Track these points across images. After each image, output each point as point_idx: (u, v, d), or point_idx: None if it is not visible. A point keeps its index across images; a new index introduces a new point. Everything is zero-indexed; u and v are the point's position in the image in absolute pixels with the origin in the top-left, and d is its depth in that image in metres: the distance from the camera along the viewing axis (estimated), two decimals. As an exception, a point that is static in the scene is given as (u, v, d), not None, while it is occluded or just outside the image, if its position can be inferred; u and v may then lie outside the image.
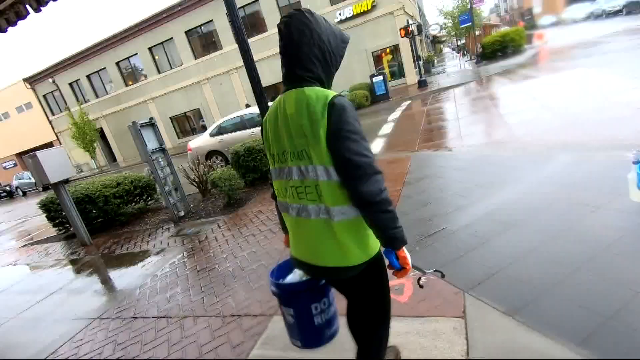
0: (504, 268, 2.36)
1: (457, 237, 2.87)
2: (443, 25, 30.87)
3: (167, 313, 3.00)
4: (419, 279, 1.45)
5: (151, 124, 5.56)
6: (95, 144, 25.18)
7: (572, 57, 11.35)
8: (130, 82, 24.61)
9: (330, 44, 1.25)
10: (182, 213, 5.85)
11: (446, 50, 54.41)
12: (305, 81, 1.23)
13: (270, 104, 6.93)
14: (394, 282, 2.51)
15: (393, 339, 1.97)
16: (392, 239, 1.21)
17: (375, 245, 1.31)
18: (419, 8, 31.71)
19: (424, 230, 3.11)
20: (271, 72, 20.26)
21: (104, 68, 24.46)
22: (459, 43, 36.64)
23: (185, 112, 23.89)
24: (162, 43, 22.42)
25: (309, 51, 1.22)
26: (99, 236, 6.08)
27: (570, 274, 2.13)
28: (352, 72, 18.44)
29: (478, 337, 1.85)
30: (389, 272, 1.33)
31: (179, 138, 24.60)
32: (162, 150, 5.70)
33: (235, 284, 3.16)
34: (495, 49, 18.22)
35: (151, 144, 5.48)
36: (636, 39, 11.26)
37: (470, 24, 20.72)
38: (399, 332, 2.03)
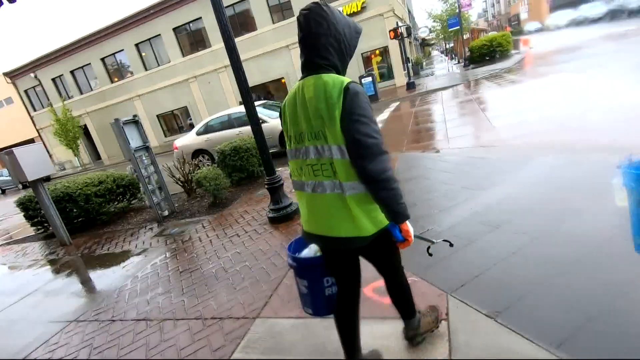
0: (488, 269, 2.36)
1: (442, 238, 2.86)
2: (432, 29, 31.21)
3: (147, 316, 2.92)
4: (428, 247, 1.65)
5: (134, 122, 5.43)
6: (78, 142, 24.58)
7: (556, 62, 11.59)
8: (116, 79, 24.13)
9: (345, 35, 1.37)
10: (166, 213, 5.74)
11: (435, 53, 55.10)
12: (323, 68, 1.36)
13: (257, 102, 6.81)
14: (378, 283, 2.49)
15: (374, 342, 1.95)
16: (396, 214, 1.34)
17: (384, 218, 1.40)
18: (408, 11, 31.99)
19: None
20: (260, 72, 20.13)
21: (89, 64, 23.92)
22: (447, 46, 37.12)
23: (172, 110, 23.54)
24: (149, 39, 22.04)
25: (326, 41, 1.34)
26: (80, 236, 5.91)
27: (553, 275, 2.14)
28: (342, 73, 18.44)
29: (460, 340, 1.84)
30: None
31: (165, 136, 24.22)
32: (146, 148, 5.58)
33: (218, 286, 3.10)
34: (483, 53, 18.49)
35: (134, 141, 5.35)
36: (616, 44, 11.56)
37: (458, 27, 20.98)
38: (382, 334, 2.00)
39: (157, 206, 5.57)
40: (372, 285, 2.47)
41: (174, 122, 24.30)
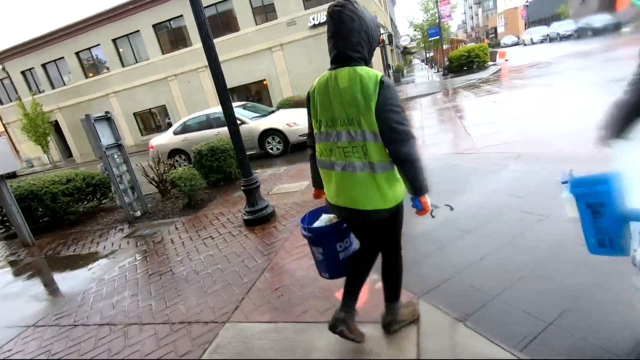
0: (458, 273, 2.40)
1: (415, 243, 2.90)
2: (413, 37, 31.86)
3: (111, 320, 2.80)
4: (432, 210, 1.81)
5: (107, 118, 5.25)
6: (48, 138, 23.52)
7: (529, 76, 12.06)
8: (91, 74, 23.28)
9: (372, 29, 1.53)
10: (138, 213, 5.56)
11: (416, 61, 56.35)
12: (354, 60, 1.51)
13: (237, 104, 6.78)
14: (350, 287, 2.49)
15: (344, 346, 1.93)
16: (419, 188, 1.54)
17: (401, 193, 1.64)
18: (390, 19, 32.59)
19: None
20: (242, 73, 19.93)
21: (62, 57, 22.96)
22: (427, 55, 38.00)
23: (150, 109, 22.92)
24: (127, 35, 21.42)
25: (357, 35, 1.49)
26: (45, 236, 5.63)
27: (518, 280, 2.20)
28: (324, 77, 18.53)
29: (428, 343, 1.85)
30: (412, 211, 1.65)
31: (142, 135, 23.52)
32: (118, 146, 5.39)
33: (188, 289, 3.01)
34: (462, 63, 19.01)
35: (106, 139, 5.16)
36: (583, 61, 12.17)
37: (438, 37, 21.52)
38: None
39: (129, 206, 5.38)
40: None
41: (152, 120, 23.66)
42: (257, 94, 20.88)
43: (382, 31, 17.80)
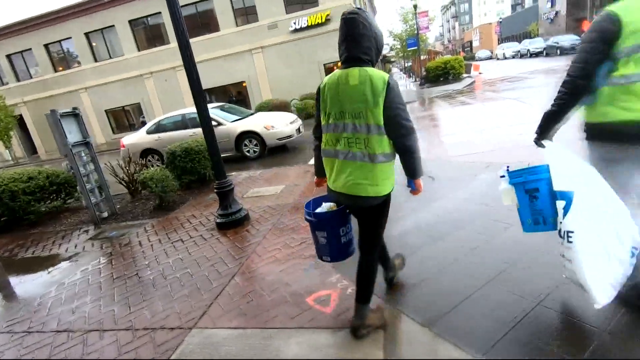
0: (426, 279, 2.45)
1: (387, 247, 2.93)
2: (393, 47, 32.55)
3: (69, 327, 2.66)
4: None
5: (74, 114, 5.02)
6: (11, 133, 22.24)
7: (501, 89, 12.57)
8: (61, 68, 22.29)
9: (379, 37, 1.74)
10: (105, 214, 5.33)
11: (395, 70, 57.52)
12: (363, 62, 1.71)
13: (213, 105, 6.73)
14: (321, 292, 2.48)
15: (312, 353, 1.92)
16: (416, 172, 1.82)
17: (392, 185, 1.85)
18: (371, 28, 33.18)
19: (355, 241, 3.13)
20: (221, 73, 19.66)
21: (29, 49, 21.85)
22: (406, 65, 38.89)
23: (123, 106, 22.16)
24: (101, 30, 20.69)
25: (368, 41, 1.69)
26: (1, 237, 5.30)
27: (483, 286, 2.26)
28: (304, 82, 18.56)
29: (394, 349, 1.87)
30: (407, 191, 1.95)
31: (114, 133, 22.69)
32: (86, 144, 5.17)
33: (155, 294, 2.91)
34: (438, 74, 19.56)
35: (73, 136, 4.94)
36: (550, 78, 12.82)
37: (416, 47, 22.08)
38: (320, 344, 1.98)
39: (95, 207, 5.16)
40: (314, 295, 2.46)
41: (125, 118, 22.88)
42: (236, 95, 20.66)
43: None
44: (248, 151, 8.41)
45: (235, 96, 20.46)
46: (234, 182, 4.19)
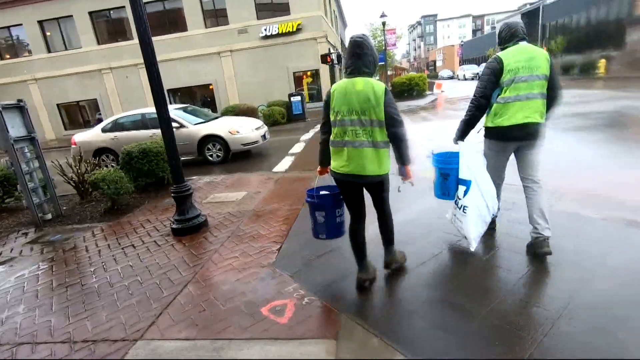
0: (381, 288, 2.49)
1: (344, 258, 2.96)
2: (361, 60, 33.34)
3: (-3, 339, 2.41)
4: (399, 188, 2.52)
5: (18, 107, 4.65)
6: (-56, 123, 20.13)
7: (460, 108, 13.28)
8: (8, 56, 20.61)
9: (376, 57, 2.29)
10: (49, 216, 4.95)
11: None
12: (365, 74, 2.24)
13: (177, 106, 6.64)
14: (277, 302, 2.45)
15: (264, 364, 1.88)
16: (406, 159, 2.31)
17: (389, 166, 2.33)
18: (341, 40, 33.83)
19: (314, 251, 3.14)
20: (188, 74, 19.15)
21: (-28, 33, 20.08)
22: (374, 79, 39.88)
23: (78, 101, 20.85)
24: (57, 19, 19.43)
25: (370, 58, 2.24)
26: None
27: (432, 294, 2.34)
28: (272, 88, 18.53)
29: (346, 356, 1.87)
30: (398, 178, 2.43)
31: (66, 129, 21.24)
32: (31, 139, 4.80)
33: (99, 303, 2.72)
34: (403, 90, 20.30)
35: (15, 130, 4.57)
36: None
37: (383, 63, 22.82)
38: (274, 354, 1.95)
39: (38, 208, 4.77)
40: (270, 305, 2.42)
41: (79, 114, 21.51)
42: (203, 97, 20.15)
43: (331, 51, 18.42)
44: (211, 155, 8.20)
45: (206, 97, 19.98)
46: (194, 187, 4.06)
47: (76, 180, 5.71)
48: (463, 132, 2.81)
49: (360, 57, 2.21)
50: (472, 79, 33.17)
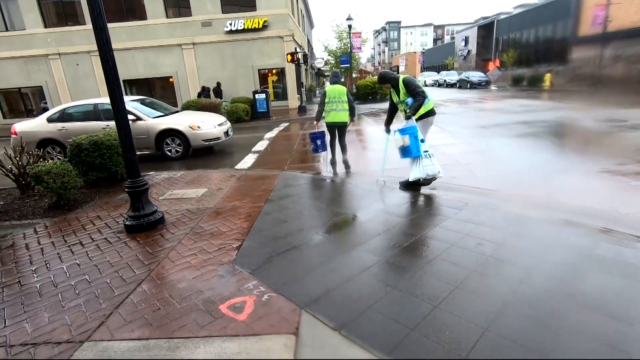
0: (340, 285, 2.54)
1: (305, 256, 2.98)
2: (327, 61, 33.65)
3: None
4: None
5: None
6: None
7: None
8: (-64, 34, 18.47)
9: (341, 76, 6.24)
10: (-18, 211, 4.50)
11: (328, 84, 59.37)
12: (338, 83, 5.88)
13: (134, 97, 6.66)
14: (236, 299, 2.42)
15: (221, 361, 1.85)
16: (355, 115, 5.98)
17: (349, 119, 5.88)
18: (308, 40, 33.87)
19: (277, 248, 3.13)
20: (146, 65, 18.27)
21: None
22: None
23: (19, 88, 19.13)
24: (-3, -5, 17.73)
25: (340, 78, 6.18)
26: None
27: (390, 290, 2.43)
28: (237, 85, 18.18)
29: (305, 353, 1.90)
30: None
31: (5, 118, 19.41)
32: (-37, 126, 4.32)
33: (40, 304, 2.53)
34: (367, 92, 20.72)
35: (-56, 115, 4.09)
36: (461, 108, 14.55)
37: (348, 65, 23.17)
38: (232, 352, 1.92)
39: (-31, 202, 4.32)
40: (229, 302, 2.39)
41: (21, 102, 19.74)
42: (161, 90, 19.28)
43: (297, 50, 18.39)
44: (170, 150, 7.88)
45: (165, 90, 19.05)
46: (150, 183, 3.90)
47: (16, 172, 5.25)
48: (417, 113, 4.34)
49: (337, 77, 5.94)
50: (433, 85, 34.66)
